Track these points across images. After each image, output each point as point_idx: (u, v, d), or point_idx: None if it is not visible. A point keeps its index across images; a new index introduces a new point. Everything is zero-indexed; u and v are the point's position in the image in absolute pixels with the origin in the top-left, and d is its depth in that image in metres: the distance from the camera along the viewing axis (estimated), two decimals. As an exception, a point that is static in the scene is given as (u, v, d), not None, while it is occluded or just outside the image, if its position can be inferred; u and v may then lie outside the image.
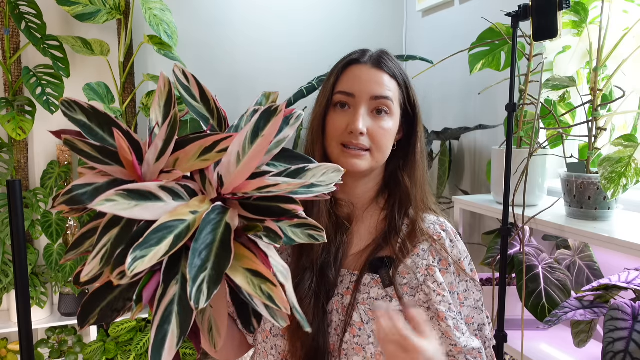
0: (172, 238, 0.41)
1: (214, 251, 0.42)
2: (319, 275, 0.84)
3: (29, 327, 1.00)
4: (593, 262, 1.45)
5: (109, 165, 0.46)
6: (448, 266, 0.88)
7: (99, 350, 2.16)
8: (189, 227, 0.42)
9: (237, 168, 0.47)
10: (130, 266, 0.38)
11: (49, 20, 2.12)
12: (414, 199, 0.90)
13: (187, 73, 0.54)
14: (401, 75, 0.89)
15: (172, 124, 0.46)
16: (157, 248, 0.40)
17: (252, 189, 0.47)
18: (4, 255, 2.03)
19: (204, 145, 0.47)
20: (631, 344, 1.01)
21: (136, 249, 0.39)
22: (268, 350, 0.87)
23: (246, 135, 0.47)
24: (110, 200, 0.40)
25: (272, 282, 0.44)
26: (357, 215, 0.92)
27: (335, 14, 2.66)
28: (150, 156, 0.46)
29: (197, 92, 0.54)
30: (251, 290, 0.43)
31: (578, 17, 1.46)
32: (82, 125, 0.47)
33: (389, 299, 0.85)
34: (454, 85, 2.36)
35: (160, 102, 0.50)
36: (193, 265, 0.40)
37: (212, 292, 0.40)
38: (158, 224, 0.41)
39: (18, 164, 2.17)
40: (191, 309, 0.41)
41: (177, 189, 0.45)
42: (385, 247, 0.88)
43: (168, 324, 0.41)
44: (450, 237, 0.91)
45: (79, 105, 0.48)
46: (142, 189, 0.42)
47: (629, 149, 1.24)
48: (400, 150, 0.92)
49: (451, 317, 0.84)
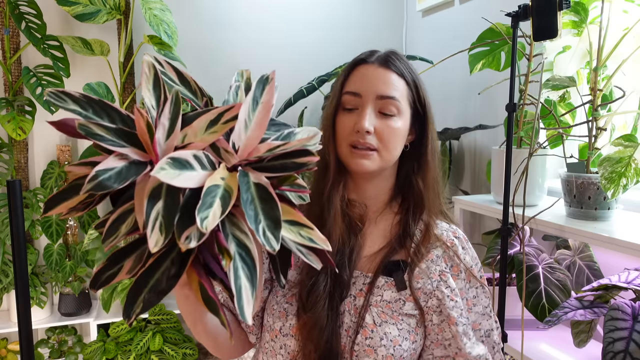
0: (219, 200, 0.44)
1: (258, 205, 0.45)
2: (334, 276, 0.85)
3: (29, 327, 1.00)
4: (593, 262, 1.45)
5: (124, 147, 0.47)
6: (459, 272, 0.88)
7: (99, 350, 2.16)
8: (227, 191, 0.46)
9: (246, 134, 0.50)
10: (202, 224, 0.41)
11: (49, 20, 2.12)
12: (427, 203, 0.90)
13: (159, 59, 0.54)
14: (410, 75, 0.88)
15: (175, 101, 0.48)
16: (213, 209, 0.43)
17: (264, 151, 0.50)
18: (4, 255, 2.03)
19: (210, 118, 0.49)
20: (631, 344, 1.01)
21: (200, 210, 0.42)
22: (277, 349, 0.87)
23: (249, 103, 0.50)
24: (163, 168, 0.43)
25: (309, 227, 0.49)
26: (370, 217, 0.92)
27: (335, 14, 2.66)
28: (160, 135, 0.47)
29: (175, 75, 0.56)
30: (293, 237, 0.48)
31: (578, 17, 1.46)
32: (78, 114, 0.47)
33: (402, 302, 0.85)
34: (454, 85, 2.36)
35: (148, 86, 0.51)
36: (250, 219, 0.44)
37: (277, 235, 0.44)
38: (206, 187, 0.44)
39: (18, 164, 2.17)
40: (254, 263, 0.45)
41: (203, 158, 0.48)
42: (399, 251, 0.88)
43: (239, 279, 0.44)
44: (463, 244, 0.91)
45: (68, 95, 0.47)
46: (182, 158, 0.45)
47: (629, 149, 1.24)
48: (413, 152, 0.92)
49: (462, 323, 0.85)
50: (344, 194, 0.90)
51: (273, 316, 0.88)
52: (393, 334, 0.82)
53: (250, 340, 0.94)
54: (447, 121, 2.39)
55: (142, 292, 0.46)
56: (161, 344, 2.18)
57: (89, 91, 2.00)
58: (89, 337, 2.31)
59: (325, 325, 0.82)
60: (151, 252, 0.44)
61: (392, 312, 0.84)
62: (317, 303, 0.82)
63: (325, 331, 0.81)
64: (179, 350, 2.21)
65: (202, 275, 0.48)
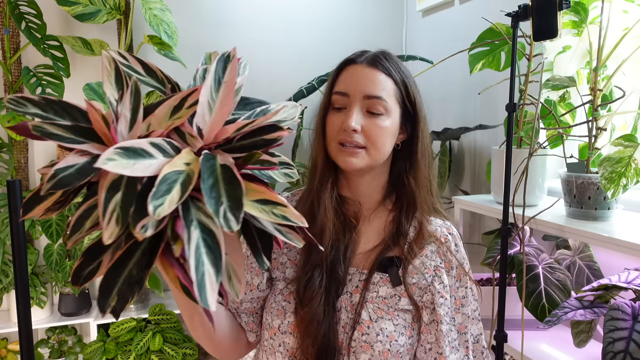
0: (179, 186, 0.43)
1: (222, 187, 0.44)
2: (330, 273, 0.86)
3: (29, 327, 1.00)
4: (593, 262, 1.45)
5: (85, 144, 0.46)
6: (450, 269, 0.89)
7: (99, 350, 2.16)
8: (189, 176, 0.44)
9: (211, 116, 0.48)
10: (154, 212, 0.40)
11: (49, 20, 2.12)
12: (419, 202, 0.91)
13: (123, 54, 0.54)
14: (398, 74, 0.89)
15: (134, 92, 0.47)
16: (170, 195, 0.42)
17: (232, 131, 0.49)
18: (4, 255, 2.03)
19: (173, 104, 0.48)
20: (631, 344, 1.01)
21: (153, 198, 0.41)
22: (276, 347, 0.88)
23: (210, 84, 0.48)
24: (111, 159, 0.41)
25: (282, 204, 0.47)
26: (364, 215, 0.94)
27: (335, 14, 2.66)
28: (122, 127, 0.46)
29: (140, 67, 0.55)
30: (265, 216, 0.46)
31: (578, 17, 1.46)
32: (39, 117, 0.47)
33: (397, 298, 0.86)
34: (454, 85, 2.36)
35: (110, 81, 0.50)
36: (210, 203, 0.42)
37: (237, 216, 0.42)
38: (162, 174, 0.43)
39: (18, 164, 2.17)
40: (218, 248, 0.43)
41: (164, 144, 0.46)
42: (393, 248, 0.89)
43: (202, 265, 0.43)
44: (456, 241, 0.92)
45: (28, 99, 0.47)
46: (135, 146, 0.44)
47: (629, 149, 1.24)
48: (405, 151, 0.93)
49: (446, 322, 0.86)
50: (334, 190, 0.92)
51: (271, 314, 0.88)
52: (389, 330, 0.83)
53: (250, 339, 0.94)
54: (447, 121, 2.39)
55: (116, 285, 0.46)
56: (161, 344, 2.18)
57: (89, 91, 2.00)
58: (89, 337, 2.31)
59: (322, 320, 0.83)
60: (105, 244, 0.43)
61: (387, 307, 0.85)
62: (314, 298, 0.83)
63: (322, 326, 0.82)
64: (179, 350, 2.21)
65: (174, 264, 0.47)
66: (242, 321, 0.93)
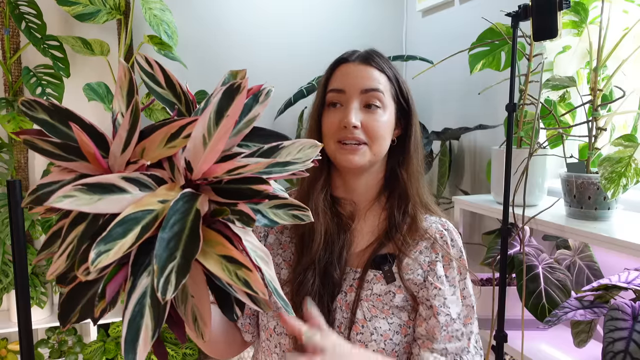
0: (138, 229, 0.39)
1: (183, 239, 0.40)
2: (323, 275, 0.85)
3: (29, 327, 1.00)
4: (593, 262, 1.45)
5: (74, 162, 0.45)
6: (450, 261, 0.89)
7: (99, 350, 2.16)
8: (157, 217, 0.41)
9: (204, 152, 0.45)
10: (94, 261, 0.37)
11: (49, 20, 2.12)
12: (411, 195, 0.91)
13: (150, 60, 0.52)
14: (390, 70, 0.90)
15: (134, 113, 0.45)
16: (122, 241, 0.38)
17: (222, 172, 0.45)
18: (4, 255, 2.03)
19: (170, 131, 0.45)
20: (631, 344, 1.01)
21: (100, 243, 0.37)
22: (272, 348, 0.88)
23: (209, 116, 0.45)
24: (68, 196, 0.38)
25: (248, 267, 0.42)
26: (359, 213, 0.93)
27: (335, 14, 2.66)
28: (116, 148, 0.44)
29: (162, 79, 0.52)
30: (226, 277, 0.42)
31: (578, 17, 1.46)
32: (44, 123, 0.46)
33: (392, 295, 0.85)
34: (454, 85, 2.36)
35: (122, 92, 0.48)
36: (160, 256, 0.38)
37: (179, 281, 0.38)
38: (122, 215, 0.39)
39: (18, 164, 2.17)
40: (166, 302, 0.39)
41: (143, 178, 0.43)
42: (387, 244, 0.89)
43: (141, 317, 0.39)
44: (452, 236, 0.92)
45: (40, 104, 0.46)
46: (103, 182, 0.41)
47: (629, 149, 1.24)
48: (400, 146, 0.93)
49: (444, 313, 0.84)
50: (327, 191, 0.92)
51: (267, 315, 0.88)
52: (383, 329, 0.83)
53: (246, 339, 0.94)
54: (447, 121, 2.39)
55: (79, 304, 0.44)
56: (161, 344, 2.18)
57: (89, 91, 2.00)
58: (89, 337, 2.31)
59: None
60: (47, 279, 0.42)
61: (382, 305, 0.84)
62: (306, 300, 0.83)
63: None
64: (179, 350, 2.21)
65: None
66: (238, 323, 0.93)
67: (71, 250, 0.41)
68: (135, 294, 0.39)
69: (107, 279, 0.41)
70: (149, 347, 0.39)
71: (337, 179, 0.94)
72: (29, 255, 2.13)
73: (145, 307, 0.39)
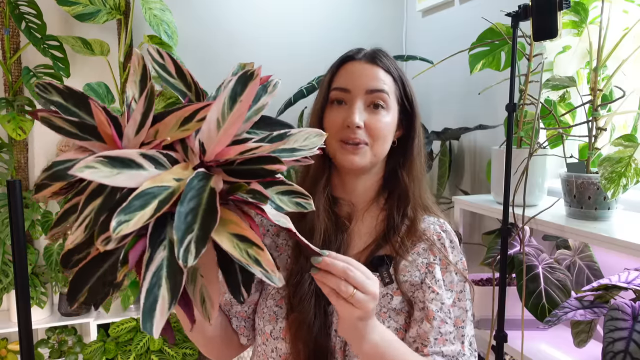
0: (156, 203, 0.41)
1: (200, 214, 0.42)
2: None
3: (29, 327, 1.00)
4: (593, 262, 1.45)
5: (88, 141, 0.46)
6: (448, 265, 0.88)
7: (99, 350, 2.16)
8: (173, 193, 0.42)
9: (217, 134, 0.47)
10: (115, 229, 0.38)
11: (49, 20, 2.12)
12: (412, 197, 0.90)
13: (161, 51, 0.53)
14: (396, 71, 0.90)
15: (149, 96, 0.46)
16: (141, 212, 0.40)
17: (235, 154, 0.47)
18: (4, 255, 2.03)
19: (183, 115, 0.47)
20: (631, 344, 1.01)
21: (120, 213, 0.39)
22: (268, 353, 0.87)
23: (224, 101, 0.47)
24: (90, 166, 0.40)
25: (259, 246, 0.44)
26: (357, 214, 0.92)
27: (335, 14, 2.66)
28: (130, 129, 0.46)
29: (173, 69, 0.54)
30: (237, 255, 0.43)
31: (578, 17, 1.46)
32: (59, 105, 0.47)
33: (389, 297, 0.85)
34: (454, 85, 2.36)
35: (135, 79, 0.49)
36: (179, 228, 0.40)
37: (200, 250, 0.40)
38: (141, 189, 0.41)
39: (18, 164, 2.17)
40: (181, 272, 0.41)
41: (159, 157, 0.45)
42: (384, 246, 0.88)
43: (158, 288, 0.40)
44: (451, 238, 0.91)
45: (54, 87, 0.48)
46: (123, 156, 0.42)
47: (629, 149, 1.24)
48: (400, 147, 0.93)
49: (439, 318, 0.84)
50: (328, 191, 0.91)
51: (263, 320, 0.87)
52: None
53: (242, 342, 0.93)
54: (447, 121, 2.39)
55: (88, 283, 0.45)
56: (161, 344, 2.18)
57: (89, 91, 2.00)
58: (89, 337, 2.31)
59: (312, 324, 0.81)
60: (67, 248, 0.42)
61: (380, 308, 0.84)
62: (303, 301, 0.82)
63: (313, 330, 0.81)
64: (179, 350, 2.21)
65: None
66: (234, 324, 0.92)
67: (89, 221, 0.42)
68: (152, 266, 0.41)
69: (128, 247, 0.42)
70: (165, 317, 0.40)
71: (336, 178, 0.93)
72: (29, 255, 2.13)
73: (162, 279, 0.40)
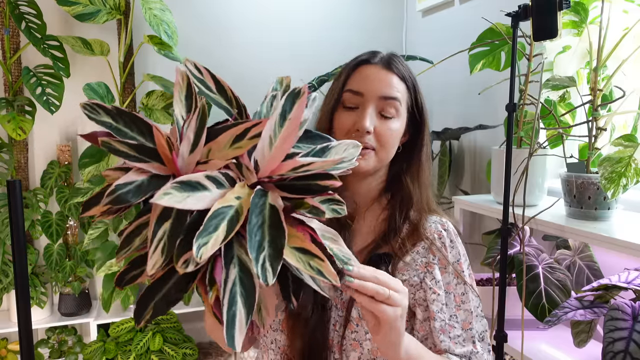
0: (226, 223, 0.43)
1: (267, 230, 0.44)
2: None
3: (29, 327, 1.00)
4: (593, 262, 1.45)
5: (147, 162, 0.47)
6: (446, 265, 0.88)
7: (99, 350, 2.16)
8: (238, 212, 0.45)
9: (270, 152, 0.49)
10: (197, 253, 0.40)
11: (49, 20, 2.12)
12: (416, 201, 0.91)
13: (199, 66, 0.54)
14: (410, 79, 0.90)
15: (201, 115, 0.47)
16: (215, 234, 0.42)
17: (287, 170, 0.49)
18: (4, 255, 2.03)
19: (236, 133, 0.48)
20: (631, 344, 1.01)
21: (199, 236, 0.41)
22: (268, 344, 0.88)
23: (275, 119, 0.49)
24: (168, 193, 0.42)
25: (320, 258, 0.47)
26: (359, 213, 0.93)
27: (335, 14, 2.66)
28: (184, 149, 0.47)
29: (213, 84, 0.55)
30: (301, 267, 0.47)
31: (578, 17, 1.46)
32: (109, 126, 0.48)
33: None
34: (454, 86, 2.36)
35: (181, 96, 0.50)
36: (252, 247, 0.43)
37: (275, 268, 0.43)
38: (212, 210, 0.43)
39: (18, 164, 2.17)
40: (253, 288, 0.44)
41: (219, 177, 0.47)
42: (384, 246, 0.89)
43: (235, 305, 0.43)
44: (451, 237, 0.91)
45: (102, 107, 0.49)
46: (192, 180, 0.45)
47: (629, 149, 1.24)
48: (405, 152, 0.93)
49: (440, 319, 0.85)
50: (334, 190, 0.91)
51: None
52: None
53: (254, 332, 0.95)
54: (447, 121, 2.39)
55: (154, 299, 0.47)
56: (161, 344, 2.18)
57: (89, 91, 2.00)
58: (89, 337, 2.31)
59: (310, 318, 0.82)
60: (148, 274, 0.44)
61: None
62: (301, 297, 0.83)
63: (311, 324, 0.82)
64: (179, 350, 2.21)
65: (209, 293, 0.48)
66: None
67: (163, 245, 0.44)
68: (229, 284, 0.43)
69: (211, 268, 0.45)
70: (244, 331, 0.43)
71: (339, 177, 0.94)
72: (29, 255, 2.13)
73: (237, 296, 0.43)
